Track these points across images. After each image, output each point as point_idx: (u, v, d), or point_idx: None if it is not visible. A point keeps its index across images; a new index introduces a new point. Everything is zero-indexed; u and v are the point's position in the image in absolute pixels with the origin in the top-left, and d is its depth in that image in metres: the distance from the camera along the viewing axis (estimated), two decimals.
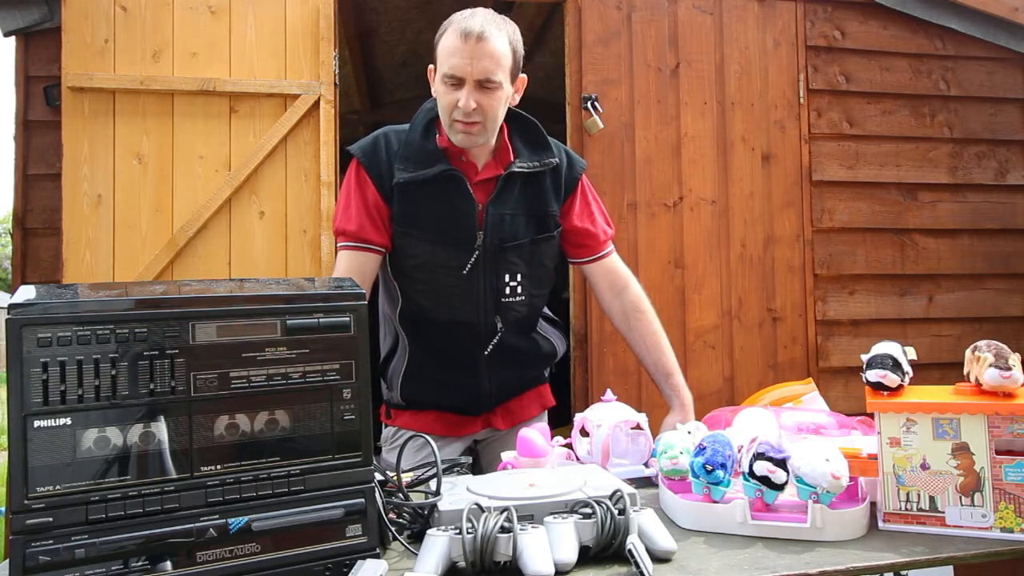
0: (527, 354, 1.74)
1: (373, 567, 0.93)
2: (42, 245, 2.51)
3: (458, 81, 1.50)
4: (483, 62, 1.48)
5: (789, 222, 2.97)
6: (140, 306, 0.90)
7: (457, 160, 1.62)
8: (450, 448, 1.72)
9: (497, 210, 1.62)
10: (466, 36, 1.48)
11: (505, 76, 1.53)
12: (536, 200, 1.67)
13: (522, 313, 1.69)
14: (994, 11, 3.10)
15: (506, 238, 1.63)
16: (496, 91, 1.52)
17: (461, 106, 1.50)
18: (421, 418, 1.71)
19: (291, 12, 2.56)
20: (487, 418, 1.75)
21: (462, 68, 1.48)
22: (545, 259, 1.70)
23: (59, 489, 0.84)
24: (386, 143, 1.63)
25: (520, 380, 1.78)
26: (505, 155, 1.65)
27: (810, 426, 1.41)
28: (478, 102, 1.50)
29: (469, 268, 1.61)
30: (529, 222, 1.66)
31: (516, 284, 1.65)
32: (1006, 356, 1.10)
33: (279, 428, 0.95)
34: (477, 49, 1.48)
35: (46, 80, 2.50)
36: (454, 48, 1.49)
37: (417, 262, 1.62)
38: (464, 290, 1.62)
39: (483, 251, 1.61)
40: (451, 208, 1.60)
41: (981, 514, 1.08)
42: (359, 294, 1.01)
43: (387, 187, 1.60)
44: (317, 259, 2.53)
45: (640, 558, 0.93)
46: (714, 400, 2.80)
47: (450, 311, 1.63)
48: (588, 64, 2.83)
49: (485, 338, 1.65)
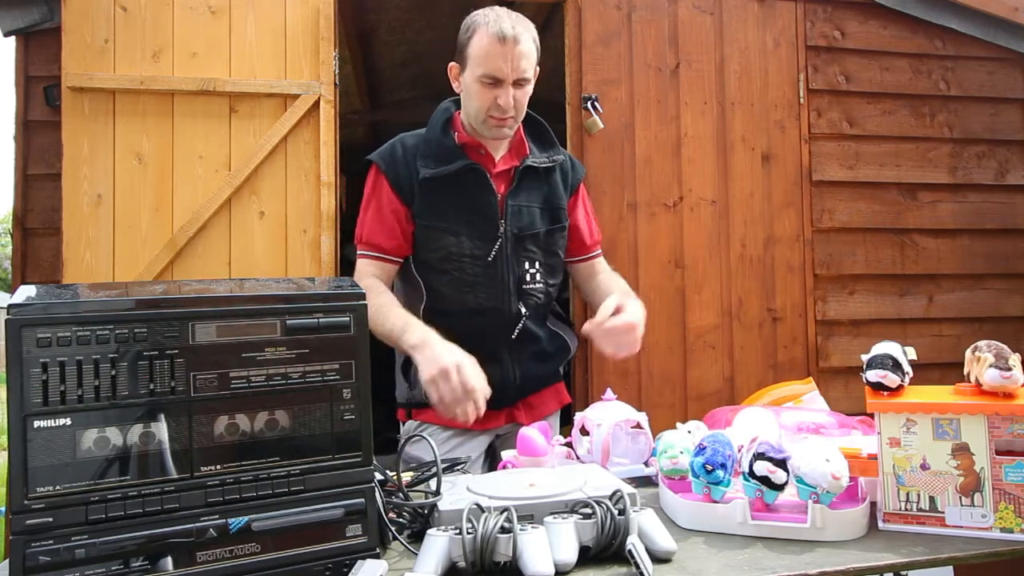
0: (546, 343, 1.80)
1: (373, 567, 0.93)
2: (42, 245, 2.50)
3: (497, 81, 1.61)
4: (520, 63, 1.61)
5: (789, 222, 2.97)
6: (140, 306, 0.90)
7: (476, 154, 1.72)
8: (474, 442, 1.77)
9: (516, 201, 1.73)
10: (502, 39, 1.59)
11: (534, 71, 1.67)
12: (549, 193, 1.78)
13: (541, 300, 1.77)
14: (994, 11, 3.10)
15: (524, 227, 1.73)
16: (528, 86, 1.66)
17: (502, 104, 1.61)
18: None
19: (291, 12, 2.56)
20: (510, 412, 1.79)
21: (502, 70, 1.60)
22: (558, 248, 1.81)
23: (59, 489, 0.84)
24: (403, 146, 1.73)
25: (541, 372, 1.82)
26: (521, 149, 1.77)
27: (810, 426, 1.41)
28: (515, 98, 1.63)
29: (494, 256, 1.70)
30: (543, 213, 1.77)
31: (535, 271, 1.75)
32: (1006, 356, 1.10)
33: (279, 428, 0.95)
34: (515, 51, 1.60)
35: (46, 80, 2.50)
36: (492, 50, 1.59)
37: (443, 254, 1.70)
38: (490, 277, 1.70)
39: (505, 240, 1.71)
40: (474, 200, 1.70)
41: (981, 514, 1.08)
42: (359, 294, 1.01)
43: (406, 188, 1.70)
44: (317, 259, 2.53)
45: (640, 558, 0.93)
46: (714, 400, 2.80)
47: (476, 299, 1.71)
48: (588, 64, 2.83)
49: (511, 323, 1.73)
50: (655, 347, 2.81)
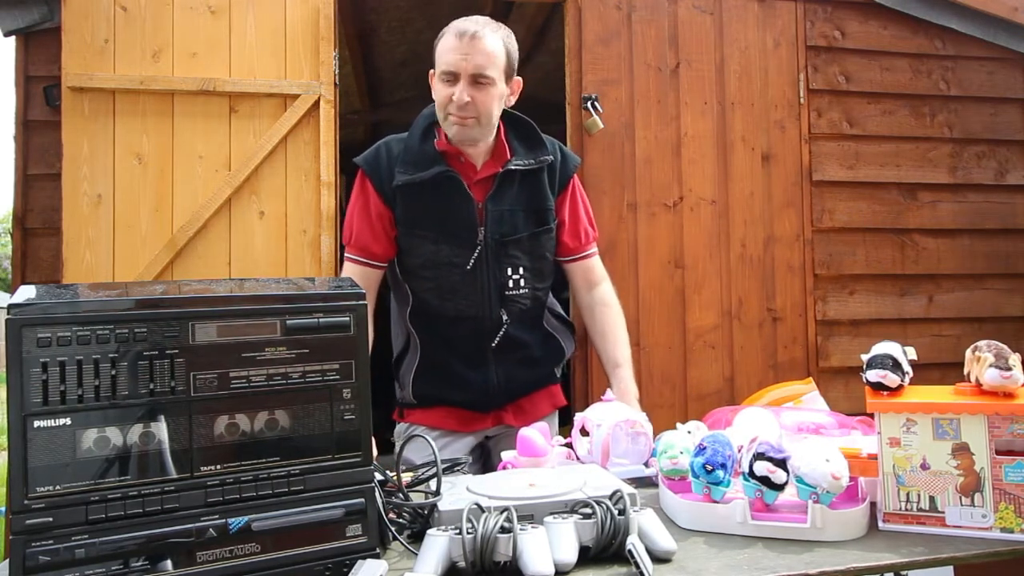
0: (533, 348, 1.79)
1: (373, 567, 0.93)
2: (42, 245, 2.50)
3: (453, 77, 1.60)
4: (477, 58, 1.58)
5: (789, 222, 2.97)
6: (140, 306, 0.90)
7: (456, 161, 1.70)
8: (461, 443, 1.76)
9: (496, 206, 1.69)
10: (461, 35, 1.59)
11: (498, 74, 1.62)
12: (534, 195, 1.74)
13: (526, 306, 1.75)
14: (994, 11, 3.10)
15: (506, 233, 1.70)
16: (489, 87, 1.61)
17: (455, 99, 1.59)
18: (432, 414, 1.75)
19: (291, 12, 2.56)
20: (498, 415, 1.78)
21: (457, 64, 1.58)
22: (545, 252, 1.78)
23: (59, 489, 0.84)
24: (387, 150, 1.72)
25: (528, 377, 1.81)
26: (502, 153, 1.72)
27: (810, 426, 1.41)
28: (472, 96, 1.59)
29: (473, 263, 1.68)
30: (528, 216, 1.73)
31: (519, 277, 1.72)
32: (1006, 356, 1.10)
33: (279, 428, 0.95)
34: (471, 46, 1.58)
35: (46, 80, 2.50)
36: (450, 46, 1.60)
37: (423, 260, 1.69)
38: (469, 285, 1.69)
39: (485, 246, 1.68)
40: (450, 207, 1.68)
41: (981, 514, 1.08)
42: (359, 294, 1.01)
43: (389, 192, 1.69)
44: (317, 259, 2.53)
45: (640, 558, 0.93)
46: (714, 400, 2.79)
47: (456, 306, 1.69)
48: (588, 64, 2.83)
49: (491, 331, 1.71)
50: (655, 347, 2.81)
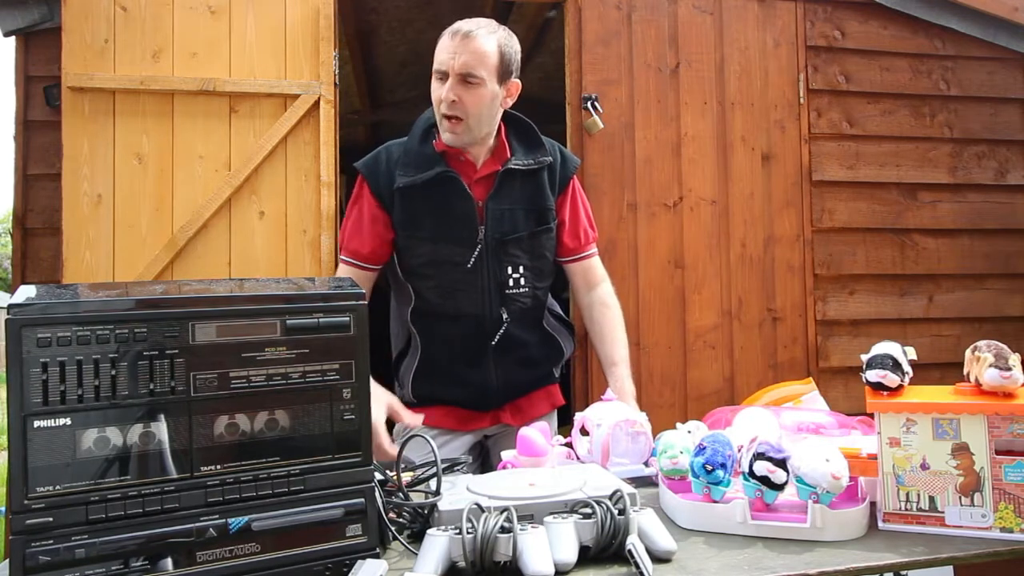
0: (533, 347, 1.79)
1: (373, 567, 0.93)
2: (42, 245, 2.50)
3: (443, 75, 1.60)
4: (464, 57, 1.58)
5: (789, 222, 2.97)
6: (140, 306, 0.90)
7: (456, 161, 1.71)
8: (459, 442, 1.77)
9: (496, 205, 1.70)
10: (454, 34, 1.59)
11: (489, 74, 1.61)
12: (534, 194, 1.75)
13: (527, 305, 1.75)
14: (994, 11, 3.10)
15: (506, 232, 1.71)
16: (478, 87, 1.60)
17: (443, 98, 1.60)
18: (431, 413, 1.75)
19: (291, 12, 2.56)
20: (496, 414, 1.79)
21: (446, 62, 1.59)
22: (545, 251, 1.78)
23: (59, 489, 0.84)
24: (387, 155, 1.73)
25: (527, 377, 1.81)
26: (502, 153, 1.73)
27: (810, 426, 1.41)
28: (459, 96, 1.59)
29: (473, 262, 1.68)
30: (528, 215, 1.74)
31: (519, 276, 1.73)
32: (1006, 356, 1.10)
33: (279, 428, 0.95)
34: (462, 45, 1.58)
35: (46, 80, 2.50)
36: (443, 45, 1.61)
37: (423, 260, 1.70)
38: (470, 283, 1.69)
39: (485, 245, 1.69)
40: (450, 207, 1.69)
41: (981, 514, 1.08)
42: (359, 294, 1.01)
43: (386, 196, 1.70)
44: (317, 259, 2.53)
45: (640, 558, 0.93)
46: (714, 400, 2.79)
47: (457, 304, 1.70)
48: (588, 64, 2.83)
49: (491, 329, 1.72)
50: (655, 347, 2.81)
